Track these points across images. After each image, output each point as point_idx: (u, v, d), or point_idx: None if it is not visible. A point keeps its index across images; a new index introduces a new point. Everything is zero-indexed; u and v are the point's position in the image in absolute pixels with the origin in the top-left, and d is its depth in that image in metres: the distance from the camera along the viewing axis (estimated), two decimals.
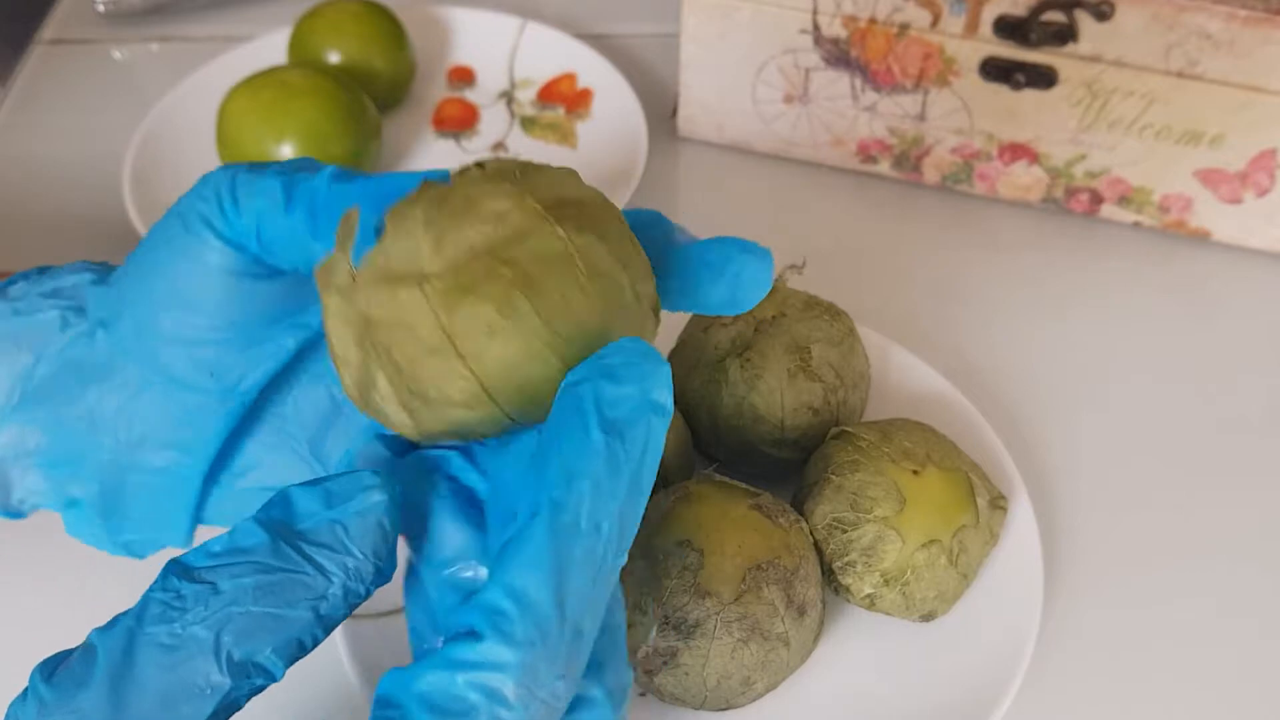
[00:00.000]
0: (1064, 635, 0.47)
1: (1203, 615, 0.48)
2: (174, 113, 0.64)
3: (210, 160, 0.61)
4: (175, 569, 0.24)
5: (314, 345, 0.31)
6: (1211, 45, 0.53)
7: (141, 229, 0.57)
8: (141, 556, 0.31)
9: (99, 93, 0.69)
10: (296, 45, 0.64)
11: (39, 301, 0.30)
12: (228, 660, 0.24)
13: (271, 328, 0.30)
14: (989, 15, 0.56)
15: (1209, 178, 0.58)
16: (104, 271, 0.31)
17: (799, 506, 0.45)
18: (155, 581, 0.24)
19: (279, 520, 0.25)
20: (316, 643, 0.25)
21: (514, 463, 0.27)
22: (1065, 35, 0.55)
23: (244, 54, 0.67)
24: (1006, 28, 0.56)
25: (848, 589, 0.44)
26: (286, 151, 0.56)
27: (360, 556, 0.25)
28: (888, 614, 0.44)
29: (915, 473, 0.44)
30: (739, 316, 0.48)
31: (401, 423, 0.26)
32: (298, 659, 0.25)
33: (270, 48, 0.67)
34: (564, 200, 0.26)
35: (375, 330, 0.25)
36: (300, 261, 0.28)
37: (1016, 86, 0.57)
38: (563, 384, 0.24)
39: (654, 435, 0.24)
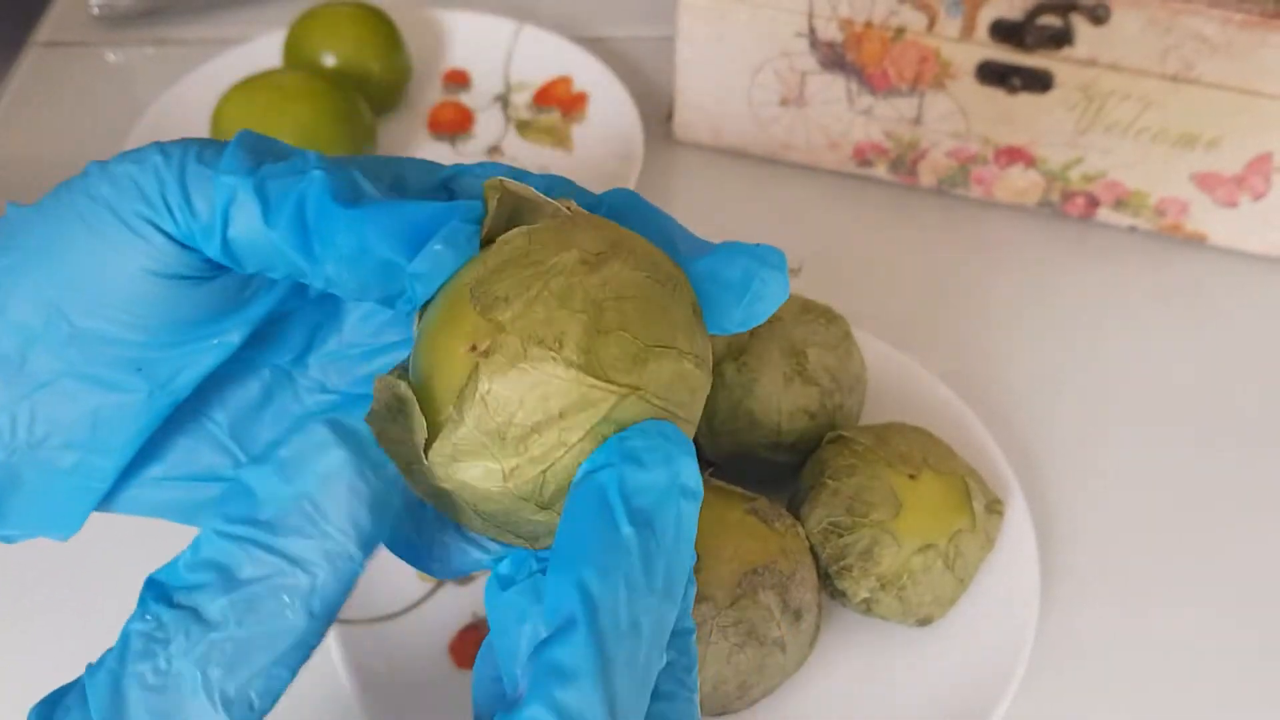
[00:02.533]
0: (1060, 640, 0.47)
1: (1199, 620, 0.48)
2: (169, 115, 0.63)
3: None
4: (154, 592, 0.22)
5: (257, 332, 0.28)
6: (1208, 48, 0.53)
7: None
8: (9, 542, 0.28)
9: (93, 95, 0.69)
10: (291, 48, 0.64)
11: None
12: (221, 697, 0.21)
13: (213, 322, 0.26)
14: (985, 18, 0.56)
15: (1205, 181, 0.58)
16: None
17: (795, 511, 0.45)
18: (135, 609, 0.22)
19: (240, 517, 0.22)
20: (320, 639, 0.23)
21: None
22: (1061, 38, 0.55)
23: (239, 57, 0.66)
24: (1002, 31, 0.56)
25: (844, 593, 0.43)
26: None
27: (339, 535, 0.22)
28: (884, 618, 0.44)
29: (911, 477, 0.44)
30: None
31: None
32: (305, 662, 0.23)
33: (265, 50, 0.67)
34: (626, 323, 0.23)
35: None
36: (284, 274, 0.25)
37: (1013, 90, 0.57)
38: (581, 469, 0.22)
39: (685, 522, 0.22)
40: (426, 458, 0.23)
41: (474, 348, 0.22)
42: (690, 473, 0.23)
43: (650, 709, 0.23)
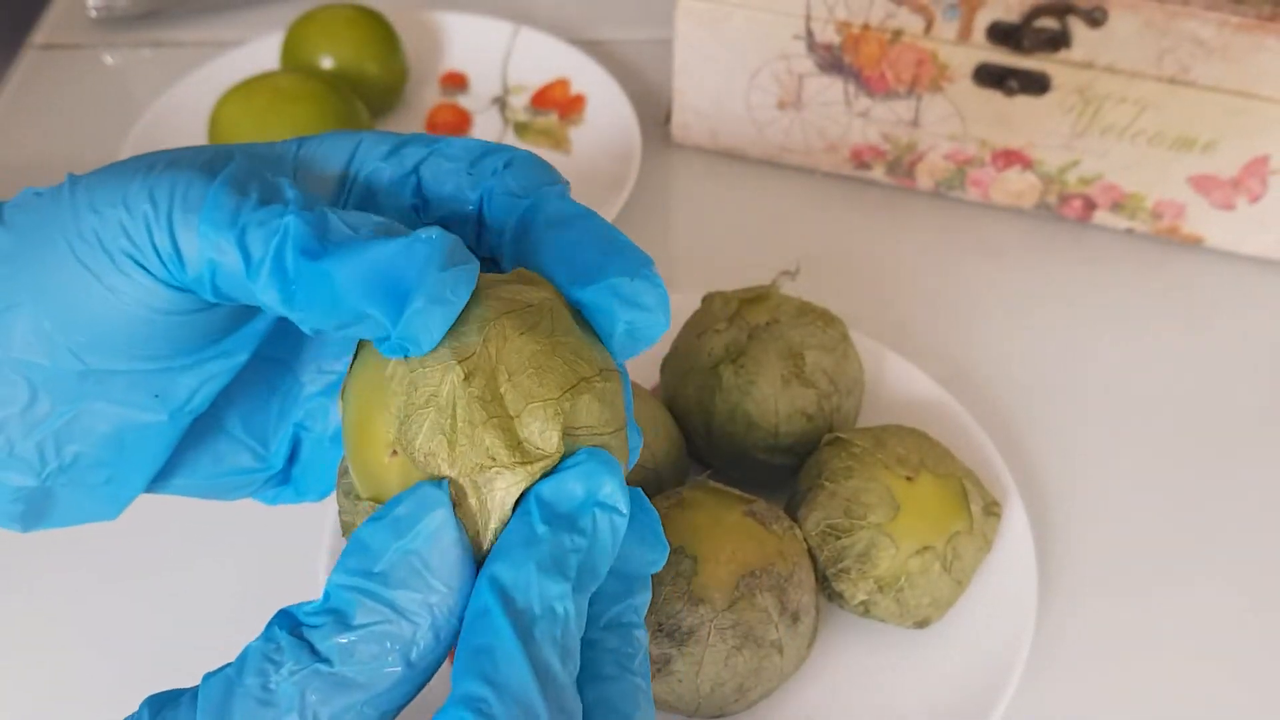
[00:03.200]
0: (1058, 641, 0.47)
1: (1197, 620, 0.48)
2: (166, 118, 0.63)
3: None
4: (281, 621, 0.24)
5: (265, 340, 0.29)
6: (1204, 52, 0.53)
7: None
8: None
9: (91, 97, 0.69)
10: (289, 50, 0.64)
11: None
12: (314, 716, 0.23)
13: (219, 342, 0.28)
14: (982, 21, 0.56)
15: (1202, 184, 0.58)
16: None
17: (793, 513, 0.45)
18: (262, 632, 0.24)
19: (357, 570, 0.24)
20: (413, 693, 0.24)
21: None
22: (1058, 41, 0.55)
23: (237, 59, 0.66)
24: (1000, 34, 0.56)
25: (842, 595, 0.43)
26: None
27: (443, 589, 0.24)
28: (882, 620, 0.44)
29: (909, 479, 0.44)
30: (733, 322, 0.48)
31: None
32: (396, 713, 0.24)
33: (263, 53, 0.67)
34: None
35: None
36: (273, 309, 0.25)
37: (1010, 92, 0.57)
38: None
39: (604, 530, 0.24)
40: None
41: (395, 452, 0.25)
42: (610, 490, 0.25)
43: (595, 690, 0.25)
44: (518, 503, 0.24)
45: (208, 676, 0.24)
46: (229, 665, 0.24)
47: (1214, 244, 0.60)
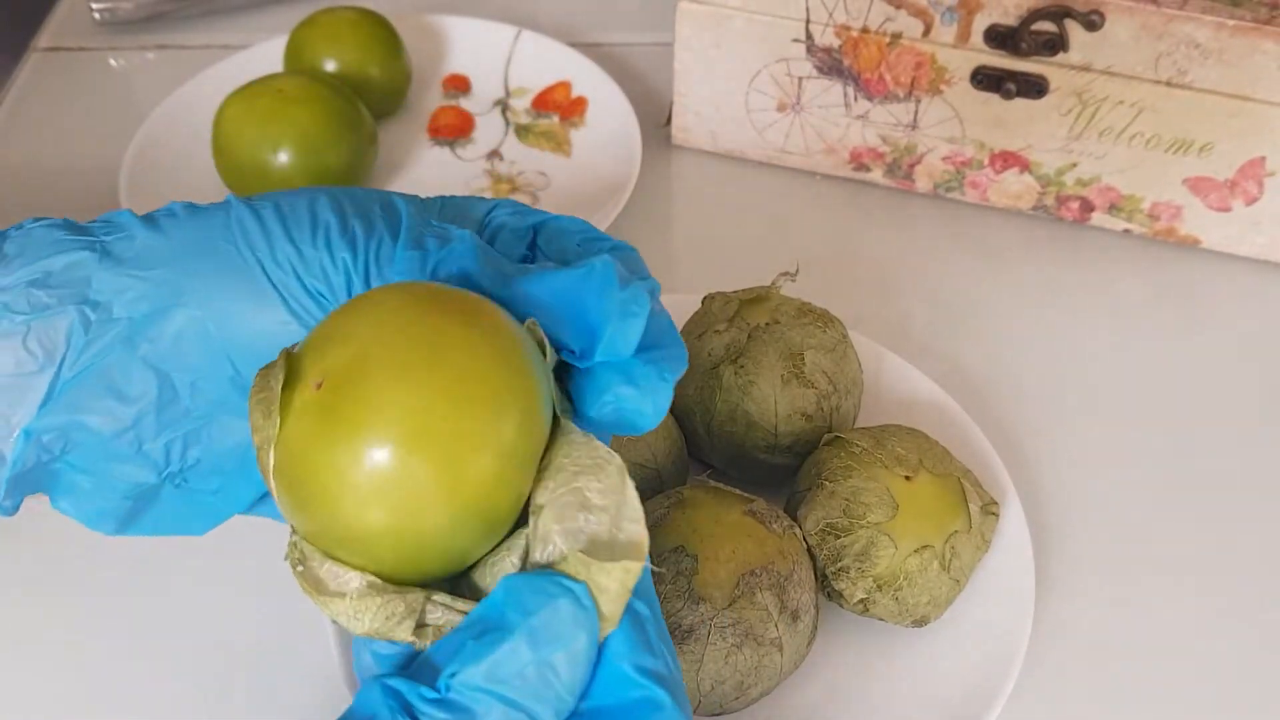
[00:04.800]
0: (1056, 641, 0.47)
1: (1194, 620, 0.48)
2: (170, 121, 0.64)
3: (206, 168, 0.61)
4: (395, 704, 0.24)
5: None
6: (1201, 54, 0.54)
7: None
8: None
9: (95, 100, 0.69)
10: (292, 53, 0.64)
11: (37, 296, 0.27)
12: None
13: None
14: (980, 25, 0.56)
15: (1198, 186, 0.58)
16: (95, 243, 0.28)
17: (792, 512, 0.45)
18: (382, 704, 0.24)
19: (492, 676, 0.24)
20: None
21: None
22: (1056, 45, 0.55)
23: (240, 62, 0.67)
24: (997, 37, 0.56)
25: (841, 594, 0.44)
26: (283, 159, 0.57)
27: (569, 697, 0.24)
28: (881, 619, 0.44)
29: (908, 479, 0.44)
30: (733, 323, 0.48)
31: None
32: None
33: (266, 56, 0.67)
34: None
35: None
36: None
37: (1007, 95, 0.58)
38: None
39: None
40: None
41: None
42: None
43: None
44: None
45: None
46: None
47: (1211, 245, 0.61)
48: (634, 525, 0.26)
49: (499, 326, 0.25)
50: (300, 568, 0.26)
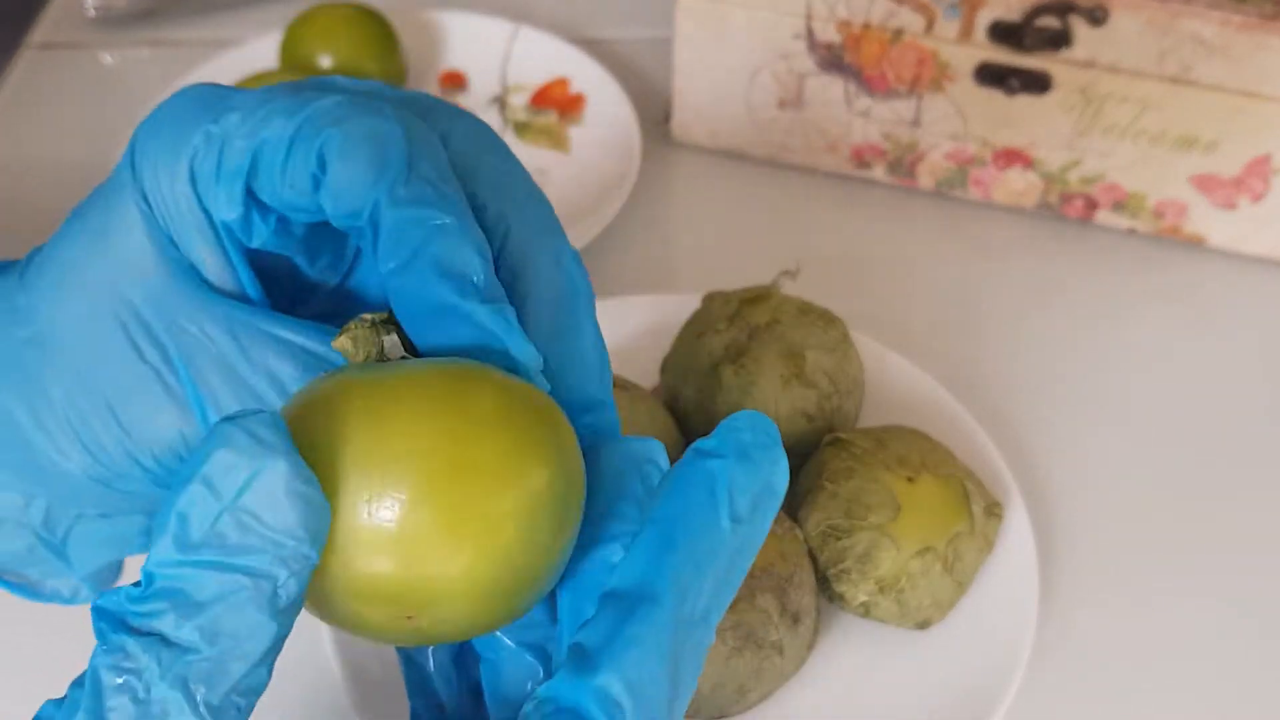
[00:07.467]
0: (1059, 643, 0.47)
1: (1199, 622, 0.48)
2: None
3: None
4: (109, 621, 0.21)
5: None
6: (1206, 51, 0.53)
7: None
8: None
9: (89, 97, 0.69)
10: (288, 49, 0.64)
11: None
12: (206, 709, 0.21)
13: None
14: (983, 20, 0.56)
15: (1204, 183, 0.58)
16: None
17: (793, 513, 0.45)
18: (97, 645, 0.21)
19: (186, 542, 0.21)
20: (291, 625, 0.22)
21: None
22: (1059, 40, 0.55)
23: (235, 58, 0.66)
24: (1001, 33, 0.56)
25: (842, 596, 0.43)
26: None
27: (290, 542, 0.21)
28: (883, 621, 0.44)
29: (910, 480, 0.44)
30: (733, 322, 0.47)
31: None
32: (280, 651, 0.22)
33: (261, 52, 0.66)
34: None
35: None
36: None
37: (1011, 92, 0.57)
38: (692, 450, 0.23)
39: (766, 525, 0.24)
40: None
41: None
42: (784, 479, 0.24)
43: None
44: None
45: (68, 711, 0.21)
46: (79, 693, 0.21)
47: (1216, 244, 0.60)
48: None
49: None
50: None
